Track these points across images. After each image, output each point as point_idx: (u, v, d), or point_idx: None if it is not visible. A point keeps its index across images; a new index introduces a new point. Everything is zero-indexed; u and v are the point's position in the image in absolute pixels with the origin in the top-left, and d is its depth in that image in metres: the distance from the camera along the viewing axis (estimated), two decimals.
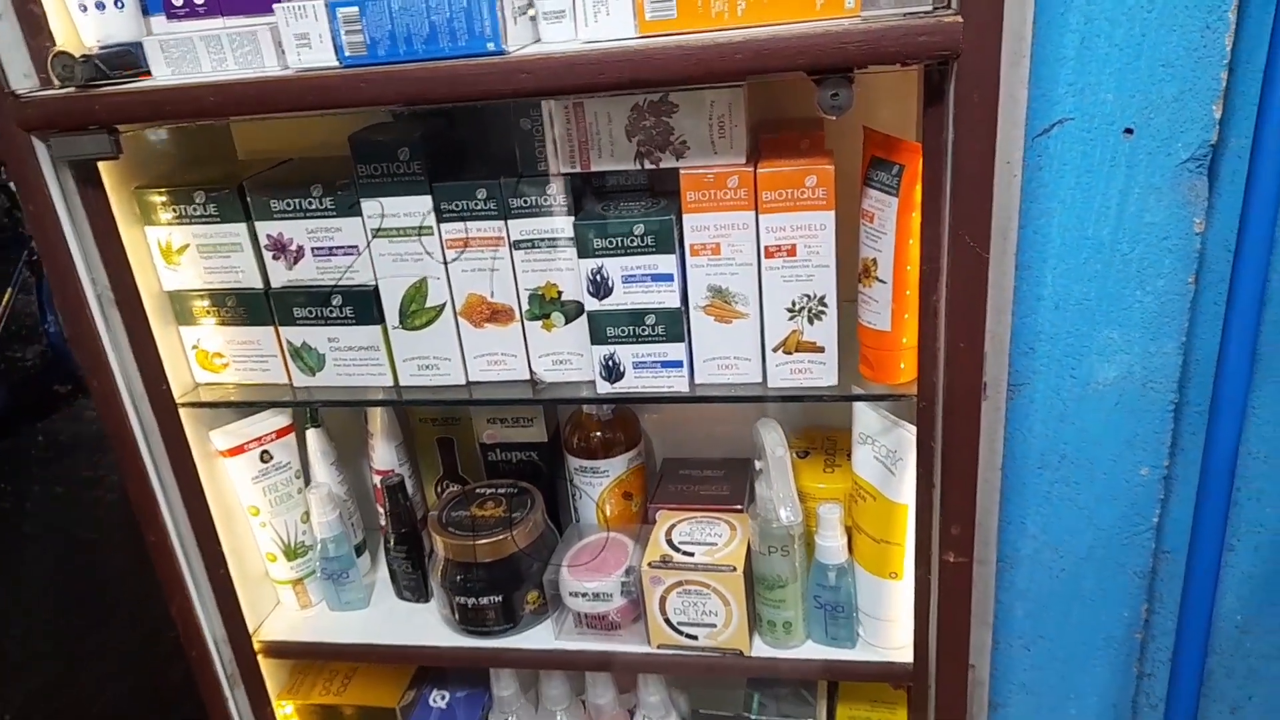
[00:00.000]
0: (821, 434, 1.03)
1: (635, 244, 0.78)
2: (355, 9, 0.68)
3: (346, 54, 0.69)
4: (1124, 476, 1.03)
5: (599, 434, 1.01)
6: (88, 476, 3.53)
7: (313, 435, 1.03)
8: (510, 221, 0.81)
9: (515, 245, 0.82)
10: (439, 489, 1.12)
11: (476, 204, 0.81)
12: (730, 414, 1.05)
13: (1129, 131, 0.88)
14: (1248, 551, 1.12)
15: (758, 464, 0.89)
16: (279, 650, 1.03)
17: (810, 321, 0.79)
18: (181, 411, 0.92)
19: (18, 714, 2.23)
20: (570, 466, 1.03)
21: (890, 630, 0.91)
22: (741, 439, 1.01)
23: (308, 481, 1.05)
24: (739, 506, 0.99)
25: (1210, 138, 0.87)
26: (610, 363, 0.84)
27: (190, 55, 0.73)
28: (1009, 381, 1.02)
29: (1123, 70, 0.86)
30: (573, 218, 0.80)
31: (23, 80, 0.75)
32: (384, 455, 1.06)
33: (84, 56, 0.73)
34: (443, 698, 1.11)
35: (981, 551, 1.10)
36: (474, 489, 1.04)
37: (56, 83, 0.74)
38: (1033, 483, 1.06)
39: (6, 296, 3.87)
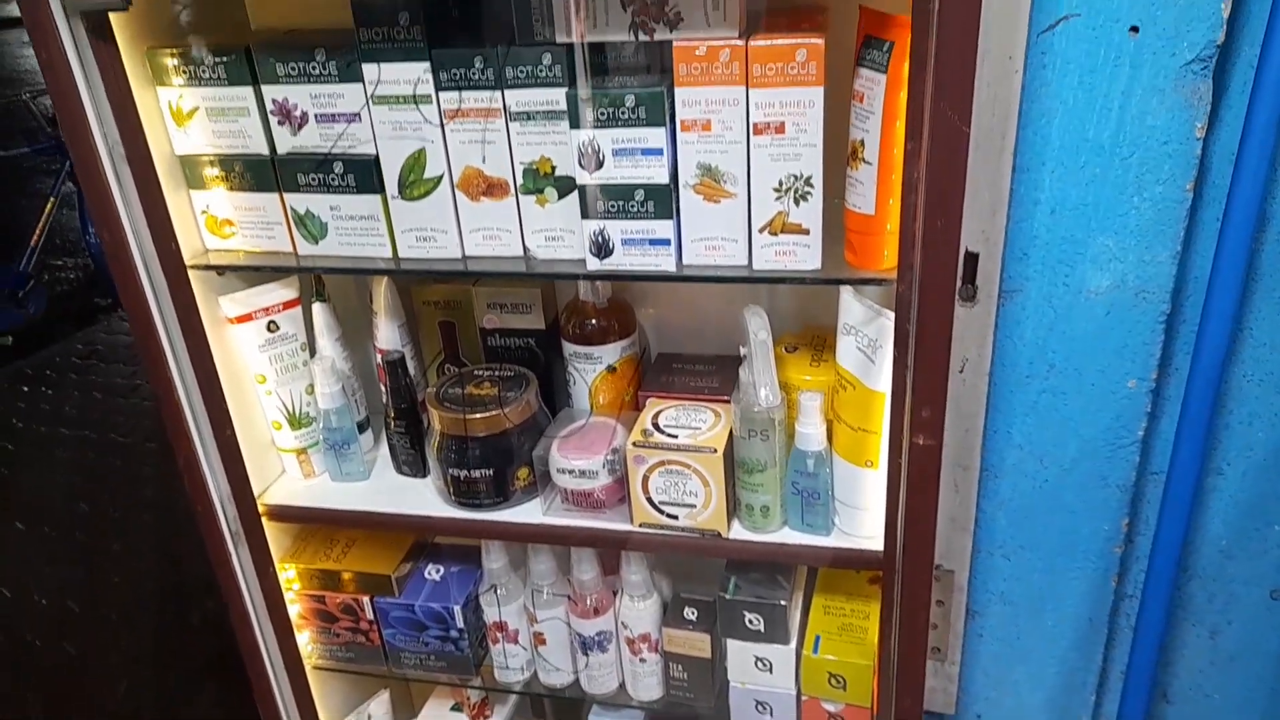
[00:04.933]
0: (810, 332, 1.04)
1: (626, 115, 0.80)
2: None
3: None
4: (1111, 388, 1.04)
5: (595, 321, 1.04)
6: (123, 384, 3.65)
7: (318, 309, 1.06)
8: (506, 92, 0.83)
9: (511, 117, 0.84)
10: (440, 372, 1.15)
11: (473, 72, 0.82)
12: (720, 310, 1.07)
13: (1134, 30, 0.87)
14: (1236, 476, 1.12)
15: (743, 350, 0.91)
16: (282, 514, 1.08)
17: (796, 203, 0.80)
18: (191, 276, 0.96)
19: (53, 599, 2.35)
20: (566, 352, 1.06)
21: (864, 519, 0.93)
22: (735, 338, 1.03)
23: (313, 354, 1.08)
24: (727, 399, 1.01)
25: (1217, 38, 0.86)
26: (600, 238, 0.85)
27: None
28: (1001, 287, 1.03)
29: None
30: (566, 88, 0.81)
31: None
32: (387, 334, 1.09)
33: None
34: (437, 571, 1.15)
35: (965, 458, 1.12)
36: (471, 370, 1.07)
37: None
38: (1020, 392, 1.07)
39: (49, 208, 3.96)
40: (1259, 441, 1.10)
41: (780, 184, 0.80)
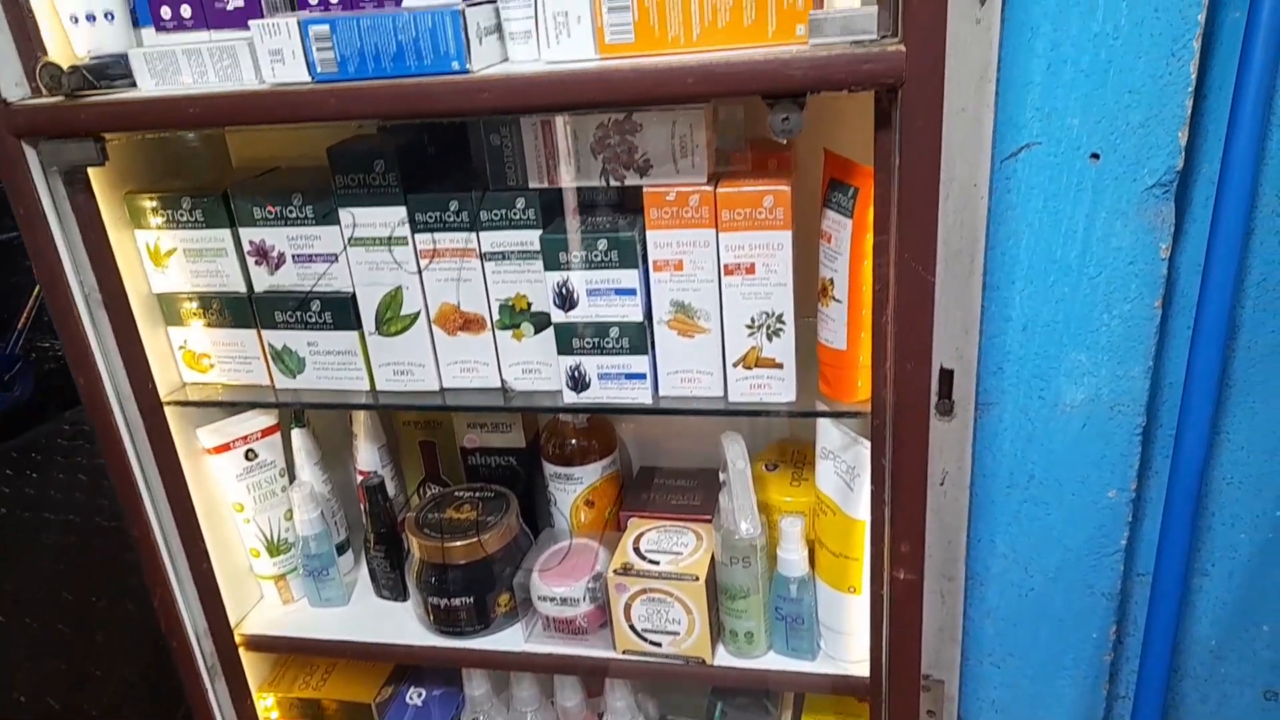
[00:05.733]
0: (791, 447, 1.04)
1: (599, 258, 0.81)
2: (326, 27, 0.70)
3: (318, 70, 0.72)
4: (1092, 498, 1.04)
5: (574, 441, 1.03)
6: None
7: (297, 435, 1.06)
8: (481, 234, 0.84)
9: (486, 257, 0.85)
10: (421, 491, 1.15)
11: (448, 215, 0.83)
12: (701, 424, 1.07)
13: (1095, 156, 0.89)
14: (1222, 577, 1.12)
15: (722, 476, 0.91)
16: (259, 644, 1.06)
17: (769, 338, 0.81)
18: (168, 409, 0.96)
19: (32, 695, 2.29)
20: (546, 472, 1.05)
21: (849, 643, 0.92)
22: (715, 449, 1.03)
23: (292, 479, 1.08)
24: (708, 517, 1.00)
25: (1176, 164, 0.88)
26: (576, 373, 0.86)
27: (173, 68, 0.77)
28: (978, 400, 1.03)
29: (1089, 96, 0.87)
30: (540, 231, 0.82)
31: (14, 89, 0.78)
32: (367, 456, 1.09)
33: (71, 67, 0.76)
34: (419, 695, 1.13)
35: (949, 569, 1.12)
36: (451, 492, 1.07)
37: (45, 92, 0.77)
38: (1001, 501, 1.06)
39: (37, 289, 3.96)
40: (1242, 542, 1.09)
41: (753, 321, 0.81)
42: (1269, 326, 0.98)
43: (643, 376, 0.85)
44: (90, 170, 0.84)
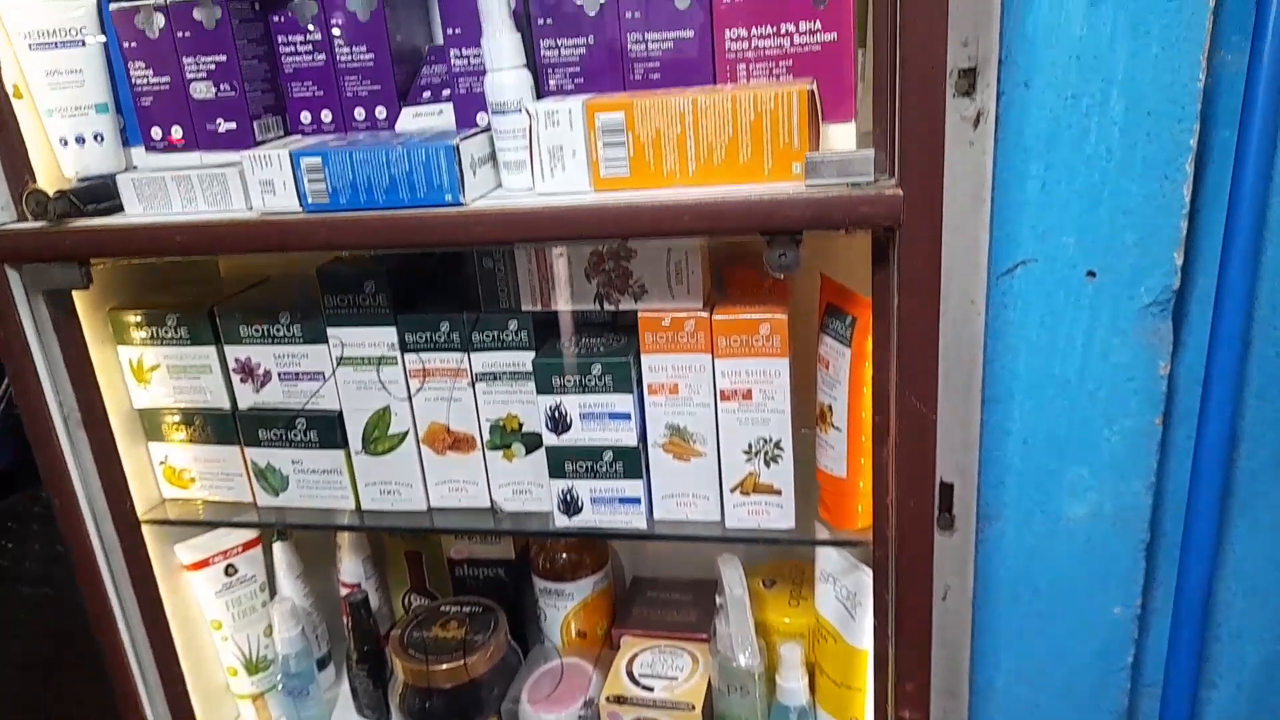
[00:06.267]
0: (790, 563, 1.01)
1: (593, 383, 0.79)
2: (318, 159, 0.69)
3: (310, 201, 0.71)
4: (1097, 614, 1.01)
5: (565, 555, 1.01)
6: None
7: (279, 549, 1.03)
8: (472, 355, 0.82)
9: (478, 378, 0.83)
10: (406, 602, 1.11)
11: (439, 336, 0.82)
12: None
13: (1092, 274, 0.89)
14: (1230, 689, 1.09)
15: (719, 599, 0.88)
16: None
17: (767, 464, 0.79)
18: (146, 526, 0.93)
19: None
20: (536, 587, 1.02)
21: None
22: (710, 560, 1.00)
23: (273, 593, 1.04)
24: (704, 636, 0.97)
25: (1172, 283, 0.88)
26: (568, 497, 0.84)
27: (162, 194, 0.76)
28: (979, 513, 1.01)
29: (1083, 216, 0.87)
30: (533, 353, 0.81)
31: (0, 213, 0.77)
32: (351, 568, 1.06)
33: (58, 193, 0.75)
34: None
35: (953, 685, 1.08)
36: (438, 607, 1.03)
37: (30, 218, 0.76)
38: (1005, 616, 1.04)
39: None
40: (1249, 654, 1.07)
41: (750, 446, 0.79)
42: (1270, 438, 0.97)
43: (637, 501, 0.83)
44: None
